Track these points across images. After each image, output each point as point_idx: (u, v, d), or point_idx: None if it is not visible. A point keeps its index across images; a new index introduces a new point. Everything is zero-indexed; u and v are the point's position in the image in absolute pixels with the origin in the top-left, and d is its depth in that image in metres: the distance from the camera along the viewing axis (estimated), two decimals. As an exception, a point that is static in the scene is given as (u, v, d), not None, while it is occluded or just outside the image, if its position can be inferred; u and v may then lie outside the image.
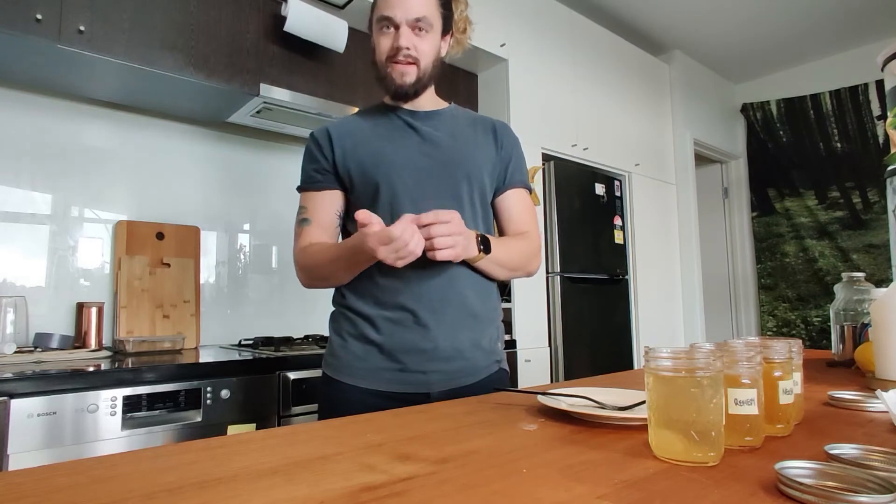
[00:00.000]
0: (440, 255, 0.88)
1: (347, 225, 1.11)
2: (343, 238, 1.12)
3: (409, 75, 1.03)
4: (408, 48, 1.01)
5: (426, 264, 0.99)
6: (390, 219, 1.01)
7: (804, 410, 0.70)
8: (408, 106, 1.10)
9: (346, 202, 1.09)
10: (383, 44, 1.03)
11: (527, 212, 1.15)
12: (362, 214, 0.86)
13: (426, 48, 1.04)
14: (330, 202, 1.08)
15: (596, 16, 3.19)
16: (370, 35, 1.09)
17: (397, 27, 1.01)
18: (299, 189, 1.11)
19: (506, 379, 1.11)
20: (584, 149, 2.86)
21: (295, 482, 0.46)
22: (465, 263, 1.03)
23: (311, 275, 1.06)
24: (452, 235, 0.89)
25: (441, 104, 1.15)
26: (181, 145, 2.02)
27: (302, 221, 1.08)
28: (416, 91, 1.06)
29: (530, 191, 1.18)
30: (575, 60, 2.89)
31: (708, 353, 0.51)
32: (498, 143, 1.13)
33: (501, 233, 1.14)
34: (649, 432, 0.54)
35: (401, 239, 0.83)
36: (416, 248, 0.85)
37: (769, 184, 4.04)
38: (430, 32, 1.04)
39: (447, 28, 1.09)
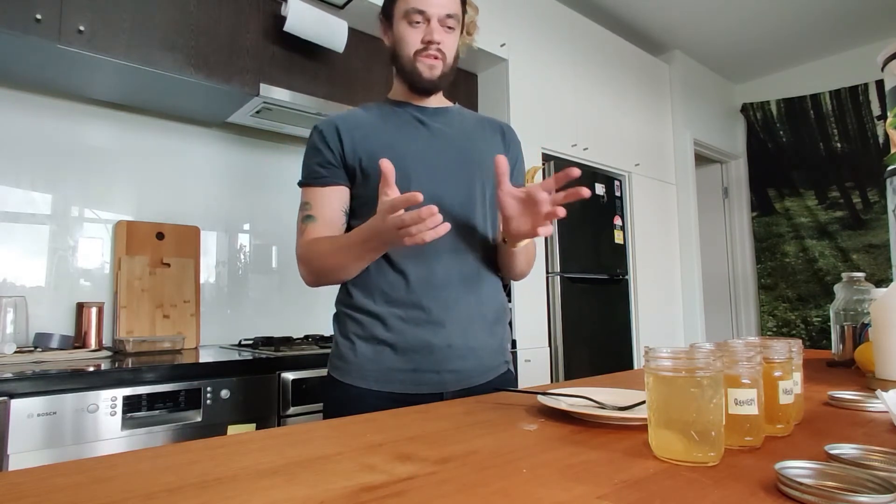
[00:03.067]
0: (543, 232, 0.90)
1: (352, 222, 1.08)
2: None
3: (436, 69, 1.03)
4: (439, 42, 1.01)
5: (438, 259, 0.99)
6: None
7: (804, 410, 0.70)
8: (416, 102, 1.09)
9: (352, 198, 1.06)
10: (412, 37, 1.02)
11: None
12: (386, 163, 0.83)
13: (451, 45, 1.04)
14: (335, 198, 1.04)
15: (596, 16, 3.19)
16: (387, 27, 1.07)
17: (429, 21, 1.01)
18: (301, 184, 1.06)
19: (512, 380, 1.11)
20: (584, 149, 2.86)
21: (295, 482, 0.46)
22: (485, 250, 1.04)
23: (317, 269, 1.01)
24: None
25: (446, 103, 1.14)
26: (181, 145, 2.03)
27: (306, 218, 1.03)
28: (438, 87, 1.06)
29: None
30: (575, 60, 2.89)
31: (708, 353, 0.51)
32: (506, 146, 1.14)
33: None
34: (649, 432, 0.54)
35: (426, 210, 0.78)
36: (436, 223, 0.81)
37: (769, 184, 4.04)
38: (455, 30, 1.04)
39: (462, 28, 1.09)
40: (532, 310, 2.49)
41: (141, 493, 0.43)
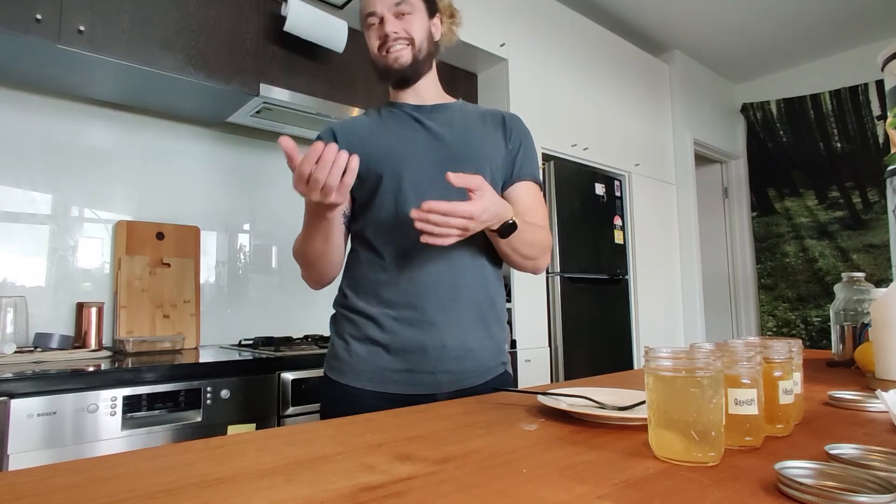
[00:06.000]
0: (438, 241, 0.85)
1: (352, 226, 1.08)
2: (350, 240, 1.10)
3: (403, 56, 1.03)
4: (395, 32, 1.02)
5: (432, 259, 0.98)
6: (394, 209, 1.01)
7: (804, 410, 0.70)
8: (412, 100, 1.09)
9: (352, 202, 1.07)
10: (372, 37, 1.05)
11: (537, 206, 1.09)
12: (286, 141, 0.78)
13: (415, 27, 1.04)
14: None
15: (596, 15, 3.19)
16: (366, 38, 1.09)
17: (382, 18, 1.03)
18: None
19: (509, 382, 1.10)
20: (584, 149, 2.86)
21: (295, 482, 0.46)
22: (482, 248, 1.02)
23: (302, 264, 1.06)
24: (472, 218, 0.86)
25: (448, 98, 1.14)
26: (181, 145, 2.02)
27: None
28: (416, 71, 1.06)
29: (541, 186, 1.14)
30: (575, 60, 2.89)
31: (708, 353, 0.51)
32: (507, 135, 1.11)
33: None
34: (649, 432, 0.54)
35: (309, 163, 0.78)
36: (325, 177, 0.80)
37: (769, 184, 4.04)
38: (415, 13, 1.04)
39: (433, 10, 1.09)
40: (532, 310, 2.49)
41: (141, 493, 0.43)
